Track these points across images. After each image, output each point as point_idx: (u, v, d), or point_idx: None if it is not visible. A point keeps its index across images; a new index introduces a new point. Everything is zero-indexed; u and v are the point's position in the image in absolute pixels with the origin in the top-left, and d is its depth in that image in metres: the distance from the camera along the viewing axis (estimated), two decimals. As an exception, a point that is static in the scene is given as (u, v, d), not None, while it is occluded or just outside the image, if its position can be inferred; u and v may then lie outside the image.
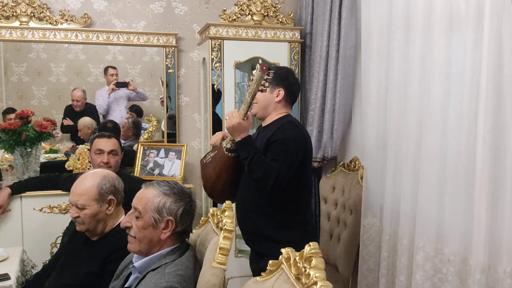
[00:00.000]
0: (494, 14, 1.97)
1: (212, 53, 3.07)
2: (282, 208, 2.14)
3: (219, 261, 1.53)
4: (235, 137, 2.03)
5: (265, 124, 2.22)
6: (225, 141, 2.11)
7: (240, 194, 2.22)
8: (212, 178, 2.17)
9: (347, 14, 2.88)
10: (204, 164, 2.22)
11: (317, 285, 1.09)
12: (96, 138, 2.71)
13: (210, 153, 2.22)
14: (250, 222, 2.18)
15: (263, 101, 2.19)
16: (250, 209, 2.17)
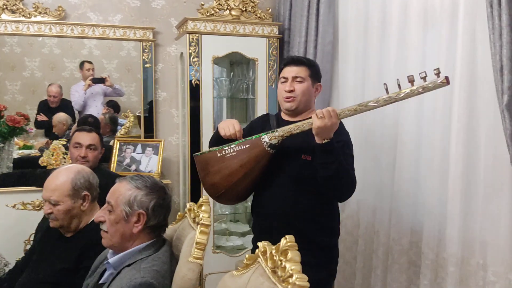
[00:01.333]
0: (468, 11, 2.01)
1: (190, 48, 3.05)
2: (328, 213, 2.01)
3: (196, 255, 1.52)
4: (322, 138, 1.74)
5: (298, 118, 1.98)
6: (269, 136, 1.87)
7: (278, 197, 1.96)
8: (236, 175, 1.91)
9: (325, 10, 2.89)
10: (220, 158, 1.94)
11: (293, 278, 1.09)
12: (76, 131, 2.65)
13: (233, 146, 1.92)
14: (293, 228, 1.84)
15: (307, 94, 2.00)
16: (295, 214, 1.94)
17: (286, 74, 2.00)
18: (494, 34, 1.76)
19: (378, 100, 1.71)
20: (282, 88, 2.01)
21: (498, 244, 1.93)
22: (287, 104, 1.99)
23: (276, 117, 2.10)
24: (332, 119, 1.71)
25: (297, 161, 1.92)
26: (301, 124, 1.82)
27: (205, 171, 2.00)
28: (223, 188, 1.95)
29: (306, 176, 1.90)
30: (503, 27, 1.72)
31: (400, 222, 2.41)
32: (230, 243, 3.37)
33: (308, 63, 2.03)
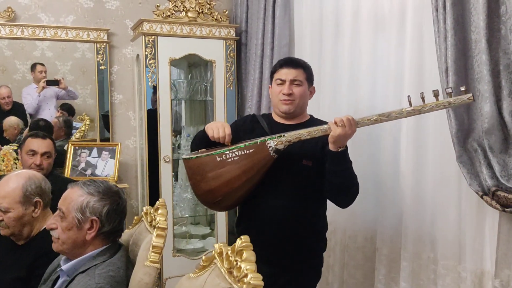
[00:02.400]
0: (415, 15, 2.10)
1: (146, 50, 3.01)
2: (322, 219, 1.99)
3: (152, 259, 1.50)
4: (338, 145, 1.73)
5: (293, 122, 1.96)
6: (275, 141, 1.77)
7: (277, 204, 1.88)
8: (237, 181, 1.80)
9: (281, 13, 2.93)
10: (220, 163, 1.81)
11: (248, 277, 1.11)
12: (29, 137, 2.54)
13: (235, 150, 1.81)
14: (292, 235, 1.89)
15: (305, 97, 1.96)
16: (295, 221, 1.88)
17: (283, 76, 1.93)
18: (440, 37, 1.84)
19: (401, 111, 1.69)
20: (278, 90, 1.93)
21: (446, 238, 2.02)
22: (285, 107, 1.92)
23: (266, 119, 2.02)
24: (352, 127, 1.69)
25: (297, 166, 1.87)
26: (312, 130, 1.76)
27: (200, 176, 1.84)
28: (221, 194, 1.84)
29: (307, 182, 1.87)
30: (448, 30, 1.80)
31: (358, 220, 2.47)
32: (191, 245, 3.36)
33: (305, 65, 1.99)
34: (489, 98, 1.71)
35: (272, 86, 1.99)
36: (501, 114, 1.71)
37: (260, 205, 1.90)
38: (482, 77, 1.72)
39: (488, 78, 1.70)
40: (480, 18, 1.71)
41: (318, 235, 1.97)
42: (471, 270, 1.92)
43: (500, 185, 1.69)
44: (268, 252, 1.81)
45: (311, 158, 1.86)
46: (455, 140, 1.80)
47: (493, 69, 1.71)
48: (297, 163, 1.86)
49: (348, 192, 1.82)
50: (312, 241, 1.94)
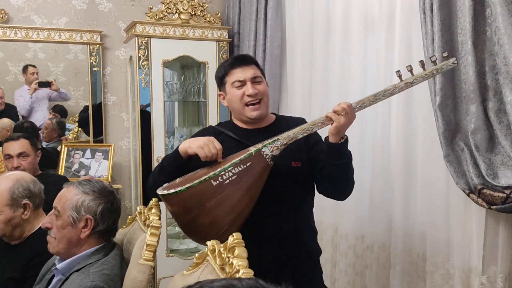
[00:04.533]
0: (404, 18, 2.14)
1: (139, 52, 3.03)
2: (313, 219, 1.85)
3: (146, 257, 1.53)
4: (341, 135, 1.58)
5: (263, 124, 1.76)
6: (269, 147, 1.57)
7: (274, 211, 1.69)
8: (242, 202, 1.55)
9: (273, 15, 2.96)
10: (217, 188, 1.52)
11: (239, 273, 1.13)
12: (5, 143, 2.55)
13: (230, 168, 1.54)
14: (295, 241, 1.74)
15: (268, 95, 1.76)
16: (295, 225, 1.73)
17: (240, 76, 1.68)
18: (427, 39, 1.89)
19: (395, 86, 1.61)
20: (239, 93, 1.68)
21: (435, 236, 2.06)
22: (255, 113, 1.69)
23: (230, 127, 1.77)
24: (353, 113, 1.57)
25: (287, 169, 1.69)
26: (308, 126, 1.60)
27: (197, 209, 1.52)
28: (227, 222, 1.53)
29: (299, 184, 1.73)
30: (435, 32, 1.84)
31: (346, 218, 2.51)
32: (184, 246, 3.38)
33: (255, 60, 1.80)
34: (475, 99, 1.75)
35: (228, 91, 1.72)
36: (486, 114, 1.76)
37: (255, 216, 1.63)
38: (468, 78, 1.77)
39: (474, 79, 1.74)
40: (466, 21, 1.75)
41: (315, 235, 1.85)
42: (459, 267, 1.96)
43: (486, 183, 1.73)
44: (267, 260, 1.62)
45: (298, 158, 1.71)
46: (443, 139, 1.85)
47: (479, 70, 1.75)
48: (287, 167, 1.69)
49: (350, 184, 1.69)
50: (312, 243, 1.80)
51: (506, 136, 1.70)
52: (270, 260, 1.65)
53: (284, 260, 1.70)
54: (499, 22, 1.65)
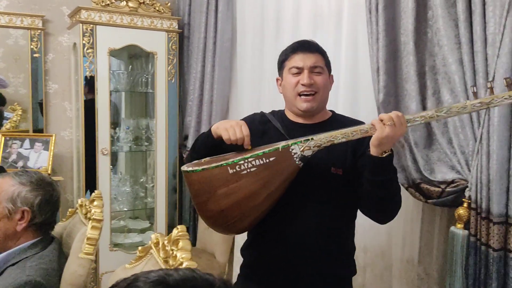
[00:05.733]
0: (351, 17, 2.19)
1: (84, 39, 2.92)
2: (352, 240, 1.66)
3: (86, 251, 1.49)
4: (383, 150, 1.37)
5: (314, 121, 1.61)
6: (300, 146, 1.42)
7: (304, 222, 1.52)
8: (257, 197, 1.43)
9: (223, 7, 2.95)
10: (232, 176, 1.42)
11: (183, 265, 1.12)
12: None
13: (251, 160, 1.42)
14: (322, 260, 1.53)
15: (326, 88, 1.60)
16: (326, 242, 1.53)
17: (299, 63, 1.55)
18: (372, 38, 1.94)
19: (465, 105, 1.35)
20: (294, 81, 1.55)
21: (377, 228, 2.13)
22: (305, 104, 1.55)
23: (279, 118, 1.65)
24: (402, 127, 1.35)
25: (326, 175, 1.52)
26: (349, 131, 1.41)
27: (208, 193, 1.44)
28: (238, 215, 1.45)
29: (337, 194, 1.53)
30: (380, 31, 1.90)
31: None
32: (129, 240, 3.31)
33: (322, 49, 1.62)
34: (415, 97, 1.82)
35: (284, 77, 1.60)
36: (425, 112, 1.84)
37: (281, 226, 1.52)
38: (409, 77, 1.84)
39: (415, 78, 1.82)
40: (409, 22, 1.82)
41: (349, 258, 1.63)
42: (398, 258, 2.04)
43: (424, 178, 1.82)
44: (292, 281, 1.53)
45: (341, 165, 1.51)
46: (385, 135, 1.91)
47: (420, 70, 1.83)
48: (324, 172, 1.51)
49: (393, 205, 1.49)
50: (343, 267, 1.60)
51: (443, 133, 1.78)
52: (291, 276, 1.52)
53: (302, 276, 1.52)
54: (440, 24, 1.73)
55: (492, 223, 1.56)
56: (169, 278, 0.55)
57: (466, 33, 1.64)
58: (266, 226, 1.54)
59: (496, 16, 1.55)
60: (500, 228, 1.56)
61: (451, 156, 1.75)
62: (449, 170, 1.75)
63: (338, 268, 1.57)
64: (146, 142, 3.33)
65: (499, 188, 1.55)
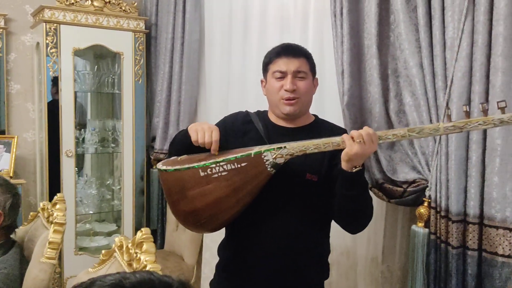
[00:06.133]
0: (316, 20, 2.23)
1: (47, 38, 2.86)
2: (327, 246, 1.69)
3: (48, 255, 1.46)
4: (353, 165, 1.38)
5: (296, 124, 1.62)
6: (273, 153, 1.42)
7: (278, 228, 1.53)
8: (227, 201, 1.44)
9: (191, 8, 2.94)
10: (203, 178, 1.43)
11: (147, 268, 1.12)
12: None
13: (223, 164, 1.43)
14: (296, 267, 1.55)
15: (311, 93, 1.62)
16: (299, 249, 1.54)
17: (283, 67, 1.56)
18: (337, 41, 1.98)
19: (437, 128, 1.34)
20: (278, 85, 1.57)
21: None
22: (288, 108, 1.56)
23: (262, 120, 1.66)
24: (372, 145, 1.35)
25: (301, 182, 1.53)
26: (321, 143, 1.40)
27: (179, 194, 1.47)
28: (206, 217, 1.47)
29: (312, 201, 1.54)
30: (344, 35, 1.94)
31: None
32: (95, 243, 3.25)
33: (307, 53, 1.63)
34: (378, 100, 1.87)
35: (268, 80, 1.62)
36: (388, 114, 1.88)
37: (255, 229, 1.54)
38: (372, 80, 1.88)
39: (378, 81, 1.86)
40: (372, 26, 1.86)
41: (323, 262, 1.65)
42: (362, 257, 2.09)
43: (386, 178, 1.86)
44: (264, 286, 1.55)
45: (316, 172, 1.53)
46: (349, 137, 1.95)
47: (382, 73, 1.88)
48: (299, 178, 1.53)
49: (362, 218, 1.51)
50: (316, 271, 1.61)
51: (405, 134, 1.83)
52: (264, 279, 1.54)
53: (280, 277, 1.54)
54: (401, 28, 1.78)
55: (451, 222, 1.62)
56: (125, 282, 0.55)
57: (426, 37, 1.69)
58: (241, 228, 1.56)
59: (454, 21, 1.61)
60: (458, 226, 1.61)
61: (412, 156, 1.80)
62: (411, 170, 1.81)
63: (312, 273, 1.58)
64: (112, 143, 3.28)
65: (457, 187, 1.60)
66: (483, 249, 1.58)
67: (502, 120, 1.27)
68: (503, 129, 1.49)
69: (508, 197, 1.51)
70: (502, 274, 1.53)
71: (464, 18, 1.57)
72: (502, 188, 1.51)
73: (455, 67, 1.60)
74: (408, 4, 1.76)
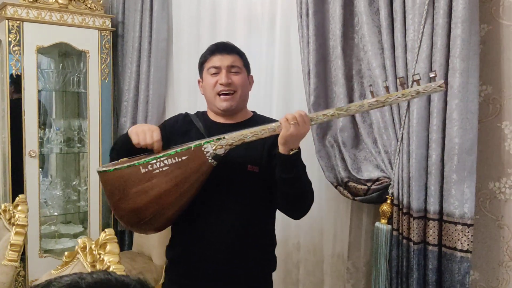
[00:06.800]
0: (284, 21, 2.25)
1: (10, 36, 2.78)
2: (273, 236, 1.71)
3: (10, 258, 1.42)
4: (290, 148, 1.42)
5: (234, 120, 1.65)
6: (213, 145, 1.44)
7: (222, 220, 1.56)
8: (169, 196, 1.44)
9: (159, 7, 2.91)
10: (144, 175, 1.43)
11: (110, 269, 1.11)
12: None
13: (163, 159, 1.44)
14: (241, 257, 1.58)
15: (246, 88, 1.66)
16: (244, 240, 1.57)
17: (217, 63, 1.60)
18: (303, 42, 2.01)
19: (362, 104, 1.42)
20: (213, 81, 1.60)
21: (309, 225, 2.21)
22: (225, 104, 1.59)
23: (202, 118, 1.69)
24: (306, 125, 1.41)
25: (242, 173, 1.56)
26: (258, 130, 1.44)
27: (121, 193, 1.46)
28: (150, 214, 1.45)
29: (253, 192, 1.58)
30: (310, 36, 1.97)
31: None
32: (60, 245, 3.18)
33: (240, 51, 1.69)
34: (343, 100, 1.91)
35: (204, 78, 1.65)
36: (353, 114, 1.92)
37: (200, 224, 1.57)
38: (338, 80, 1.92)
39: (343, 81, 1.90)
40: (337, 27, 1.90)
41: (269, 253, 1.69)
42: (329, 254, 2.12)
43: (351, 177, 1.90)
44: (212, 279, 1.57)
45: (257, 163, 1.56)
46: (315, 136, 1.98)
47: (347, 74, 1.92)
48: (241, 170, 1.56)
49: (304, 202, 1.55)
50: (263, 263, 1.66)
51: (369, 134, 1.88)
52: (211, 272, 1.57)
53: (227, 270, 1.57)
54: (364, 30, 1.82)
55: (412, 218, 1.67)
56: (82, 282, 0.55)
57: (388, 39, 1.74)
58: (186, 223, 1.58)
59: (415, 24, 1.66)
60: (419, 223, 1.67)
61: (376, 155, 1.85)
62: (375, 169, 1.85)
63: (258, 263, 1.62)
64: (78, 143, 3.22)
65: (418, 185, 1.66)
66: (443, 245, 1.64)
67: (418, 91, 1.37)
68: (461, 129, 1.55)
69: (466, 194, 1.57)
70: (461, 268, 1.59)
71: (424, 21, 1.62)
72: (460, 185, 1.57)
73: (415, 68, 1.65)
74: (371, 6, 1.80)
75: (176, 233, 1.67)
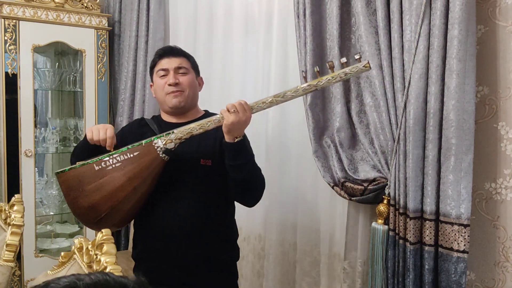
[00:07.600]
0: (281, 21, 2.25)
1: (6, 34, 2.76)
2: (230, 225, 1.78)
3: (6, 258, 1.42)
4: (234, 136, 1.52)
5: (186, 119, 1.72)
6: (163, 139, 1.53)
7: (177, 213, 1.63)
8: (123, 190, 1.51)
9: (155, 6, 2.91)
10: (98, 172, 1.51)
11: (107, 270, 1.11)
12: None
13: (116, 155, 1.53)
14: (197, 247, 1.64)
15: (194, 87, 1.75)
16: (199, 230, 1.64)
17: (165, 66, 1.71)
18: (300, 42, 2.01)
19: (297, 89, 1.52)
20: (162, 82, 1.70)
21: (305, 225, 2.21)
22: (174, 100, 1.68)
23: (156, 120, 1.78)
24: (246, 113, 1.50)
25: (196, 167, 1.64)
26: (204, 122, 1.54)
27: (77, 191, 1.53)
28: (106, 209, 1.53)
29: (208, 185, 1.65)
30: (307, 36, 1.96)
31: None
32: (56, 245, 3.17)
33: (187, 54, 1.78)
34: (340, 100, 1.91)
35: (155, 81, 1.75)
36: (349, 114, 1.93)
37: (157, 219, 1.64)
38: (335, 80, 1.92)
39: (340, 82, 1.90)
40: (334, 27, 1.90)
41: (228, 243, 1.76)
42: (325, 254, 2.12)
43: (348, 177, 1.90)
44: (176, 271, 1.64)
45: (210, 156, 1.64)
46: (312, 136, 1.98)
47: (344, 74, 1.92)
48: (194, 164, 1.64)
49: (253, 188, 1.63)
50: (222, 252, 1.71)
51: (365, 134, 1.88)
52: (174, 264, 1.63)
53: (186, 264, 1.64)
54: (361, 30, 1.82)
55: (408, 218, 1.67)
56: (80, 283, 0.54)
57: (385, 40, 1.74)
58: (146, 219, 1.67)
59: (412, 24, 1.66)
60: (415, 223, 1.67)
61: (372, 155, 1.85)
62: (371, 169, 1.85)
63: (218, 253, 1.69)
64: (74, 143, 3.20)
65: (415, 185, 1.66)
66: (439, 245, 1.64)
67: (346, 72, 1.50)
68: (458, 129, 1.56)
69: (462, 194, 1.57)
70: (458, 268, 1.59)
71: (421, 21, 1.62)
72: (457, 185, 1.57)
73: (412, 69, 1.65)
74: (368, 7, 1.80)
75: (136, 229, 1.75)
